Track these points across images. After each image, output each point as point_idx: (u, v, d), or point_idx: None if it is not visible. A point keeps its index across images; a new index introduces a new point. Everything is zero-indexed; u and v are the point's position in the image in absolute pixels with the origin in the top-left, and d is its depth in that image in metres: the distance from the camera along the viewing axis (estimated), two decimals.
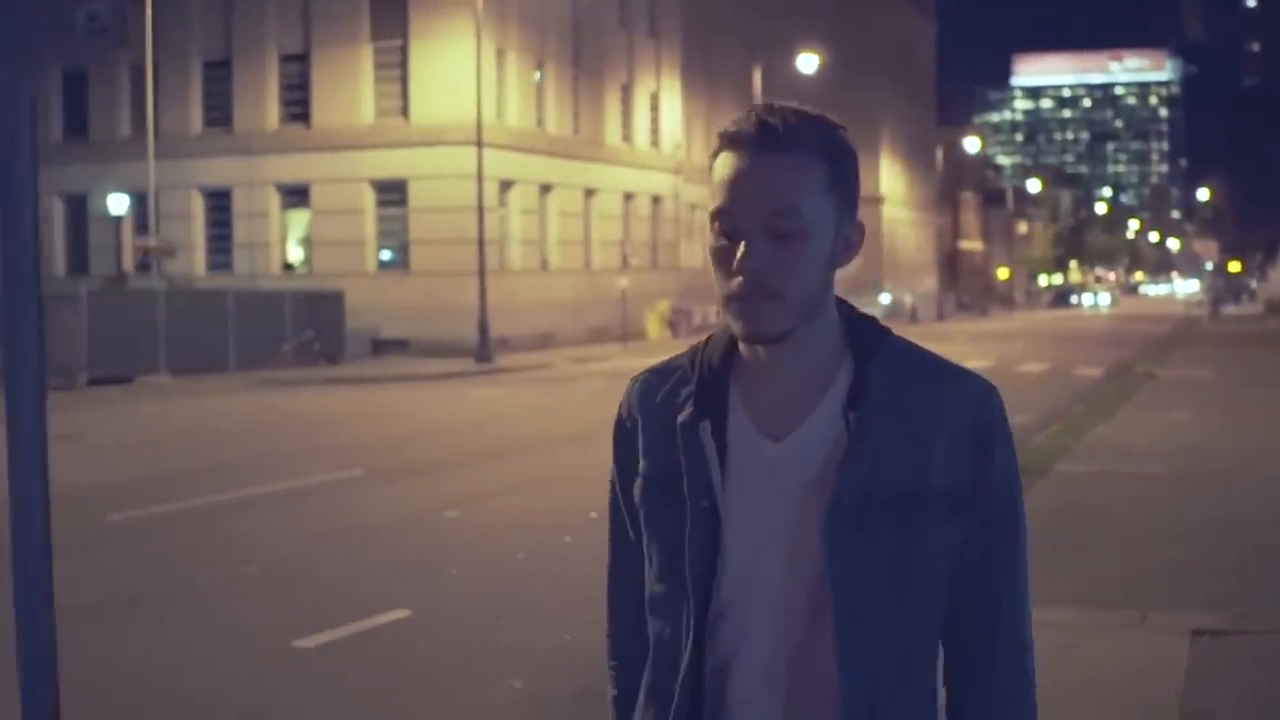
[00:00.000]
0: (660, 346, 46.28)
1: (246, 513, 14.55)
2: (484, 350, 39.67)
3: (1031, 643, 2.30)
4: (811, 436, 2.18)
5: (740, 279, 2.13)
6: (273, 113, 48.59)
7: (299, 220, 49.22)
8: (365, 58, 47.58)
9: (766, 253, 2.12)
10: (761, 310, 2.13)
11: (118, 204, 45.62)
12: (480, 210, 40.98)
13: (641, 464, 2.31)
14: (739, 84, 64.40)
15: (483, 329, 39.93)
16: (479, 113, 40.92)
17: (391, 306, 44.93)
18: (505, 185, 47.62)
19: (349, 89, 47.41)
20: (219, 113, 49.21)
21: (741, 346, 2.24)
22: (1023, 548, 2.27)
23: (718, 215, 2.15)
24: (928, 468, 2.16)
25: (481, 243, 40.82)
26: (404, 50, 47.21)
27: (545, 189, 50.51)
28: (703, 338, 2.35)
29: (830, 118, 2.22)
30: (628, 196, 57.25)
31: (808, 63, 62.87)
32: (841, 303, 2.27)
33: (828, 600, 2.14)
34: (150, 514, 14.31)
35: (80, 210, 50.71)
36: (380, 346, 44.07)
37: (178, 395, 29.98)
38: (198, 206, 49.26)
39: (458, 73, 45.09)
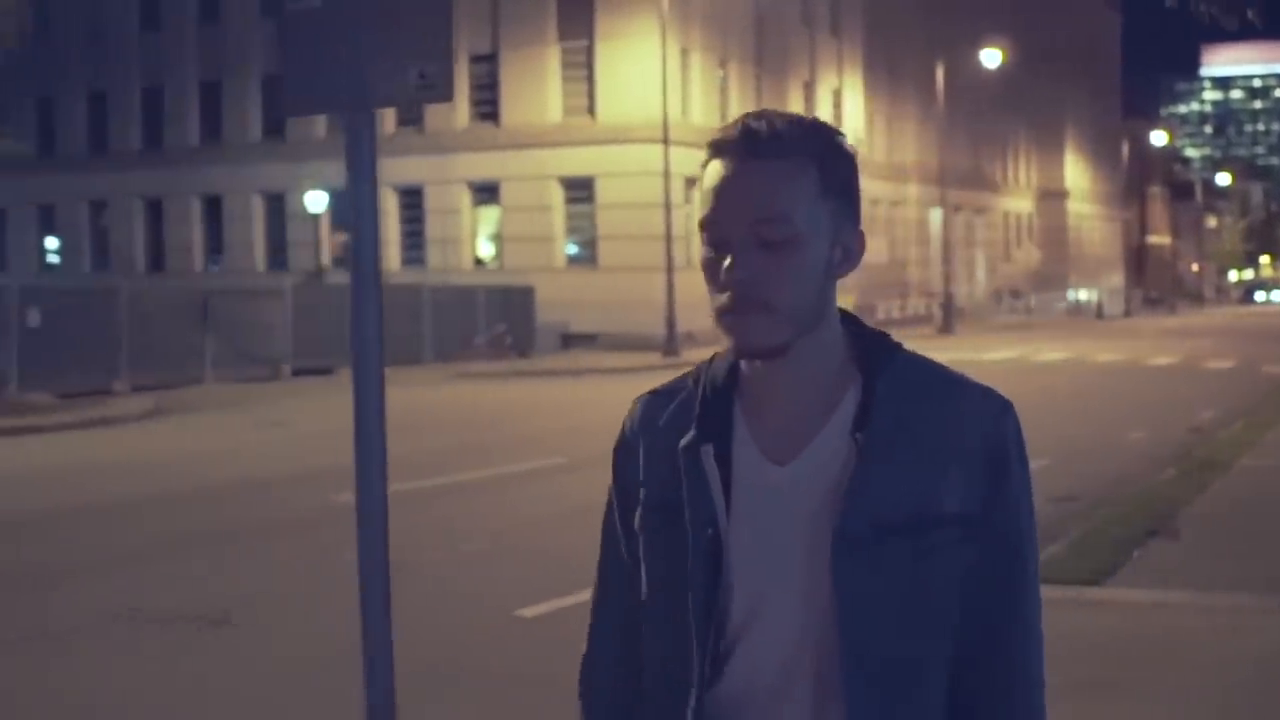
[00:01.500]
0: None
1: (459, 496, 15.41)
2: (671, 345, 40.38)
3: (1042, 679, 2.18)
4: (818, 459, 2.08)
5: (729, 291, 2.04)
6: (463, 112, 49.80)
7: (489, 217, 50.44)
8: (552, 58, 48.61)
9: (754, 263, 2.03)
10: (751, 323, 2.04)
11: (315, 201, 47.18)
12: (667, 207, 41.70)
13: (642, 489, 2.20)
14: (921, 80, 64.42)
15: (670, 324, 40.64)
16: (664, 111, 41.64)
17: (580, 301, 45.88)
18: (690, 182, 48.32)
19: (537, 88, 48.47)
20: (411, 112, 50.54)
21: (743, 365, 2.14)
22: (1033, 575, 2.17)
23: (704, 225, 2.06)
24: (939, 490, 2.06)
25: (669, 239, 41.54)
26: (590, 50, 48.17)
27: None
28: (717, 354, 2.25)
29: (825, 123, 2.14)
30: None
31: (991, 58, 62.67)
32: (847, 316, 2.17)
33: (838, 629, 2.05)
34: None
35: (279, 207, 52.52)
36: (569, 340, 45.05)
37: None
38: (391, 204, 50.65)
39: (643, 72, 45.91)
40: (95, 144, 58.41)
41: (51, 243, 60.02)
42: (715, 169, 2.07)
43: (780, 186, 2.04)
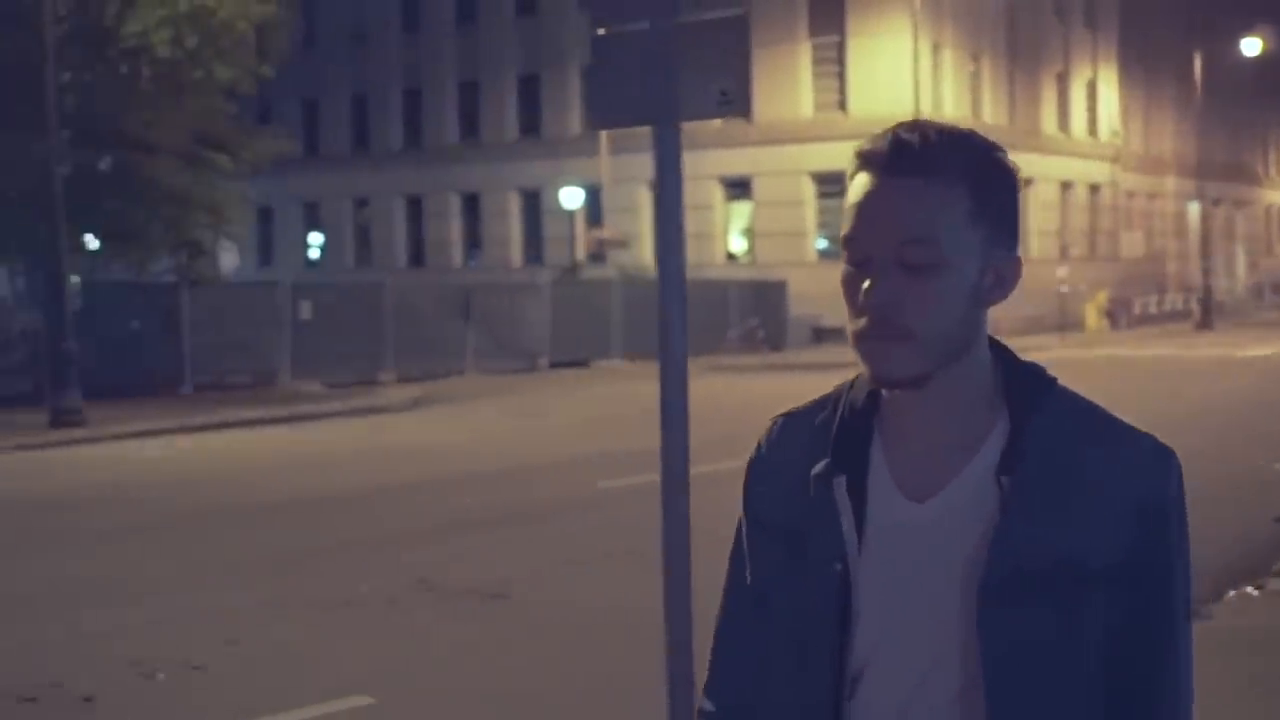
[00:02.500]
0: (1098, 338, 46.05)
1: (717, 487, 15.87)
2: None
3: None
4: (958, 500, 1.94)
5: (866, 315, 1.90)
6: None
7: (741, 212, 50.95)
8: (804, 54, 48.89)
9: (895, 287, 1.89)
10: (889, 351, 1.91)
11: (571, 198, 48.18)
12: None
13: (771, 515, 2.08)
14: (1178, 70, 63.10)
15: None
16: (916, 105, 41.66)
17: (832, 295, 45.23)
18: None
19: (788, 85, 48.79)
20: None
21: (884, 391, 1.99)
22: (1184, 638, 2.00)
23: (845, 242, 1.93)
24: (1088, 541, 1.90)
25: None
26: (841, 47, 48.34)
27: None
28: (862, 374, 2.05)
29: (985, 138, 1.98)
30: (1065, 186, 56.98)
31: (1251, 46, 61.13)
32: (999, 347, 2.01)
33: (973, 682, 1.92)
34: (630, 483, 15.77)
35: (535, 204, 53.74)
36: (821, 335, 45.31)
37: (632, 378, 31.63)
38: (645, 200, 51.38)
39: (894, 67, 45.96)
40: (358, 143, 60.40)
41: (315, 238, 62.16)
42: (860, 183, 1.93)
43: (926, 206, 1.89)
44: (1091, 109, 59.75)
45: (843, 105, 48.33)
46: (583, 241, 49.61)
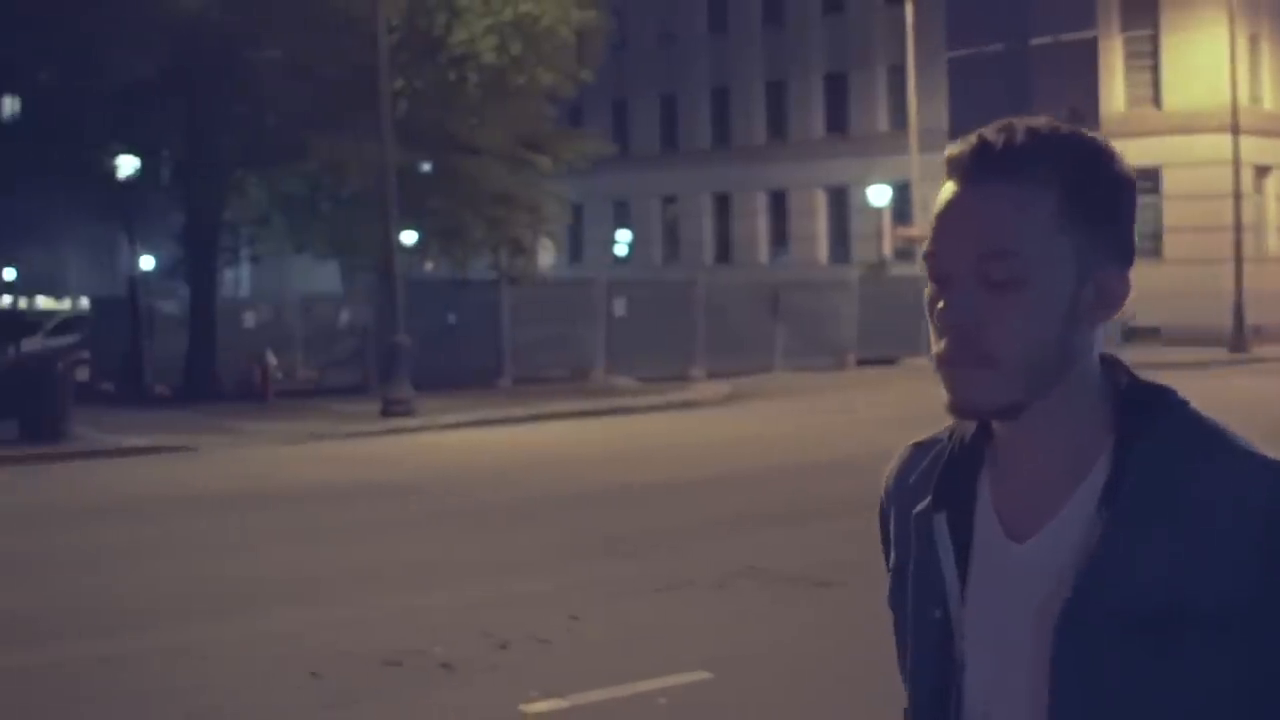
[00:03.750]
0: None
1: None
2: (1238, 339, 39.41)
3: None
4: (1060, 538, 1.72)
5: (945, 338, 1.71)
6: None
7: None
8: (1115, 48, 48.06)
9: (975, 306, 1.69)
10: (970, 378, 1.70)
11: (878, 195, 48.29)
12: (1237, 196, 40.68)
13: (898, 555, 1.91)
14: None
15: (1238, 317, 39.66)
16: (1233, 98, 40.62)
17: (1143, 294, 44.68)
18: (1261, 171, 46.94)
19: (1105, 79, 47.99)
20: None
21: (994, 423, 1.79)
22: None
23: (926, 258, 1.76)
24: (1200, 580, 1.65)
25: (1238, 229, 40.54)
26: (1154, 40, 47.37)
27: None
28: None
29: (1090, 136, 1.76)
30: None
31: None
32: (1114, 367, 1.79)
33: None
34: None
35: (842, 202, 53.97)
36: (1132, 334, 44.53)
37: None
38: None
39: (1210, 60, 44.82)
40: (666, 142, 61.45)
41: (623, 236, 63.40)
42: (944, 191, 1.75)
43: (1008, 213, 1.70)
44: None
45: (1156, 100, 47.37)
46: (889, 239, 49.63)
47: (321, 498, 16.30)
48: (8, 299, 58.05)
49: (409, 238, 31.75)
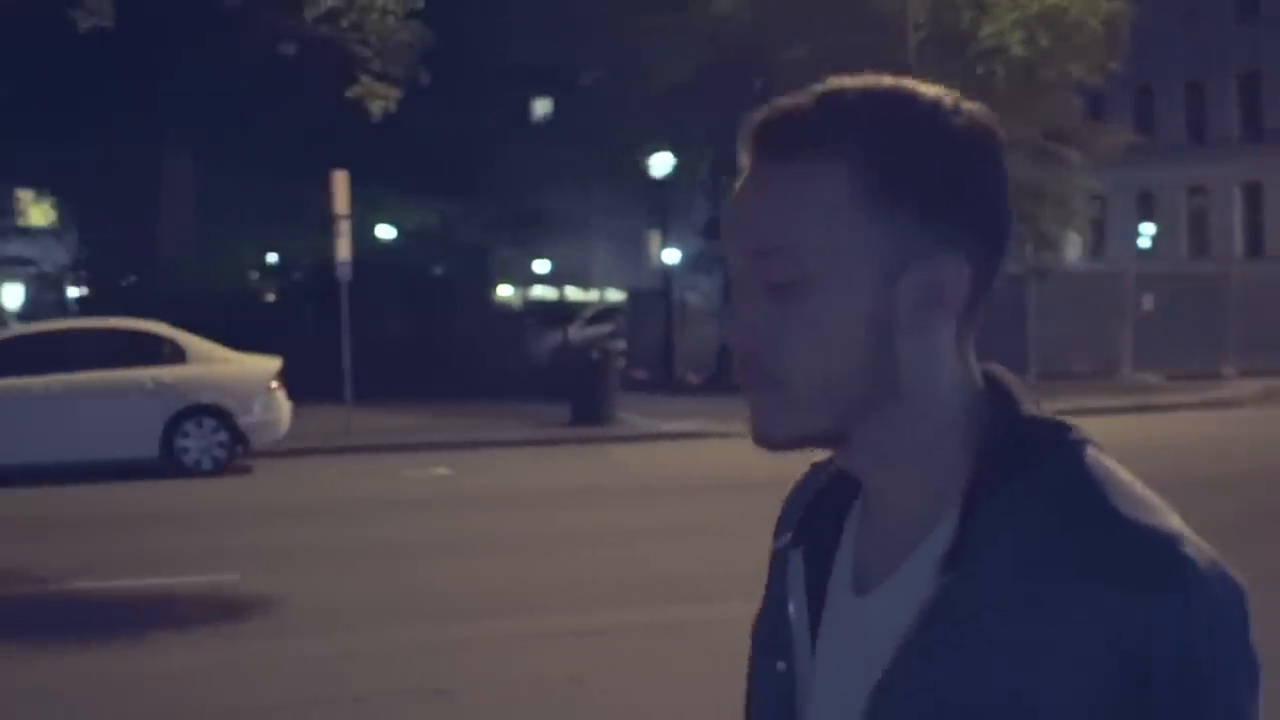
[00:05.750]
0: None
1: None
2: None
3: None
4: (897, 597, 1.38)
5: (735, 357, 1.42)
6: None
7: None
8: None
9: (757, 315, 1.38)
10: (762, 404, 1.40)
11: None
12: None
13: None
14: None
15: None
16: None
17: None
18: None
19: None
20: None
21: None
22: None
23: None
24: (1032, 688, 1.27)
25: None
26: None
27: None
28: None
29: (914, 89, 1.39)
30: None
31: None
32: (999, 390, 1.44)
33: None
34: None
35: (1256, 197, 51.80)
36: None
37: None
38: None
39: None
40: (1192, 131, 59.59)
41: (1147, 228, 61.79)
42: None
43: (782, 201, 1.36)
44: None
45: None
46: None
47: None
48: (543, 290, 61.17)
49: None
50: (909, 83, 1.40)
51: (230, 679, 9.06)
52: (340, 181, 22.57)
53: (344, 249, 22.50)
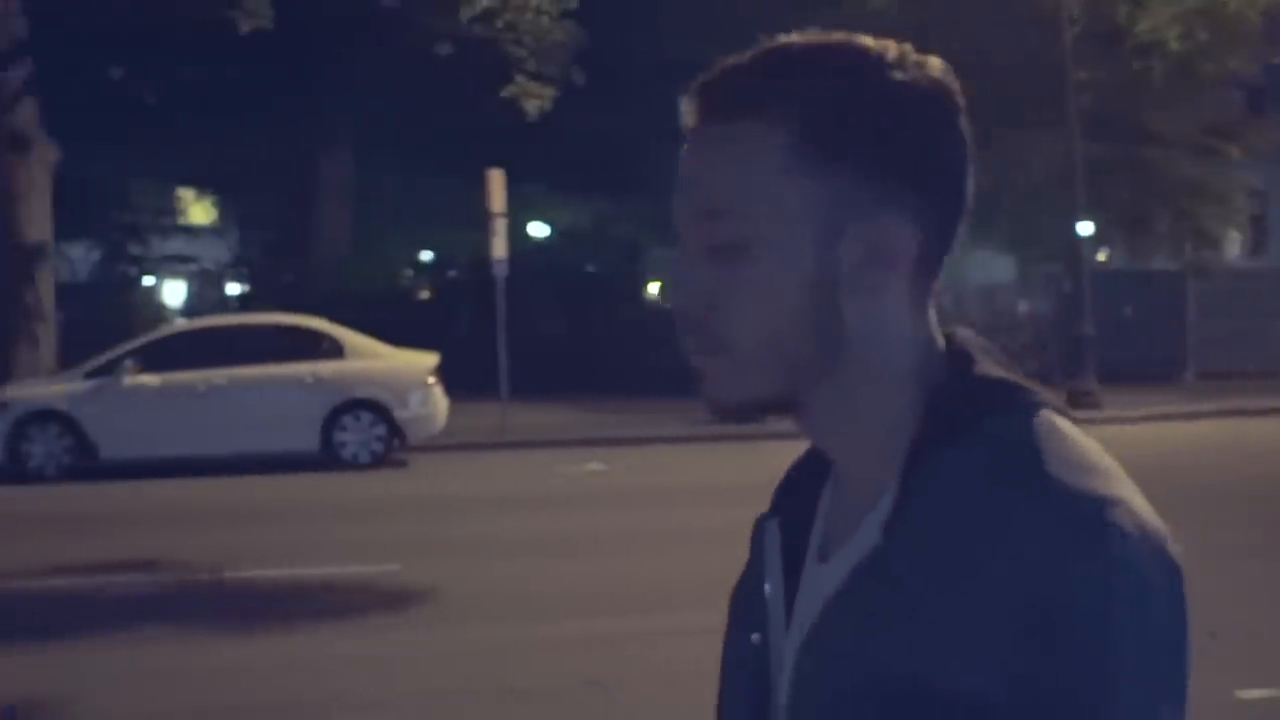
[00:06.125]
0: None
1: None
2: None
3: None
4: (845, 564, 1.37)
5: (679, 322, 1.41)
6: None
7: None
8: None
9: (699, 279, 1.38)
10: (710, 369, 1.39)
11: None
12: None
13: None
14: None
15: None
16: None
17: None
18: None
19: None
20: None
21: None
22: None
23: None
24: (944, 651, 1.24)
25: None
26: None
27: None
28: None
29: (859, 42, 1.39)
30: None
31: None
32: (960, 353, 1.40)
33: None
34: None
35: None
36: None
37: None
38: None
39: None
40: None
41: None
42: None
43: (721, 161, 1.37)
44: None
45: None
46: None
47: None
48: None
49: (1084, 229, 31.73)
50: (859, 38, 1.39)
51: (389, 666, 9.25)
52: (496, 180, 22.80)
53: (500, 247, 22.74)
